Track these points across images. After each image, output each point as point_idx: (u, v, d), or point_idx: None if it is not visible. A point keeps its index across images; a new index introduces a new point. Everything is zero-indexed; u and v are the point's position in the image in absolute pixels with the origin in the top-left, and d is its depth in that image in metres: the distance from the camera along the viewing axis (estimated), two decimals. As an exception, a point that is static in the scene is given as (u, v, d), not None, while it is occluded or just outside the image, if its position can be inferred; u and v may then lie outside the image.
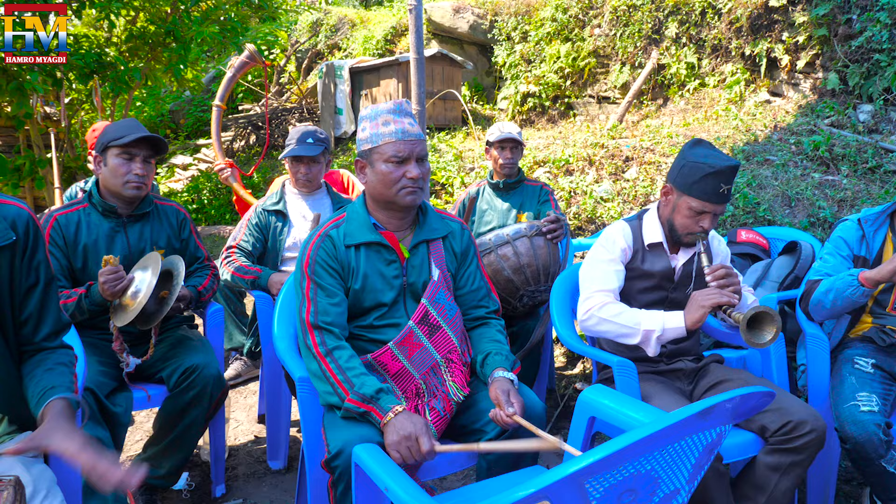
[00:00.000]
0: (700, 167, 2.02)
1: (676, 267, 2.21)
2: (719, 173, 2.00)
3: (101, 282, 2.14)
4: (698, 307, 1.98)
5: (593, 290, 2.16)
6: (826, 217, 3.99)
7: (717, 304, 1.96)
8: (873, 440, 1.94)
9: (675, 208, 2.13)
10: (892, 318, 2.29)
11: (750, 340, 1.89)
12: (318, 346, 1.79)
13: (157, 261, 2.20)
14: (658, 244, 2.21)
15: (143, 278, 2.19)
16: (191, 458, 2.69)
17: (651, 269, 2.19)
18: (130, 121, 2.36)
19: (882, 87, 5.08)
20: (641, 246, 2.22)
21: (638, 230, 2.24)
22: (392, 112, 1.86)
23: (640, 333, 2.04)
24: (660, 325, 2.02)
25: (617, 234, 2.22)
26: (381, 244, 1.90)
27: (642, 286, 2.21)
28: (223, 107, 4.59)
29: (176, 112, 10.47)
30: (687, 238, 2.13)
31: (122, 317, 2.16)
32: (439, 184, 5.93)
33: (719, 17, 6.31)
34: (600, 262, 2.21)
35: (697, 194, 2.04)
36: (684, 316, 2.02)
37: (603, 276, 2.18)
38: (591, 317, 2.13)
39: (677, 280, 2.21)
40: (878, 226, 2.34)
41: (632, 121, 6.69)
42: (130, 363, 2.26)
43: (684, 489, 1.16)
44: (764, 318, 1.91)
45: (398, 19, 9.46)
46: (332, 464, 1.66)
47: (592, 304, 2.13)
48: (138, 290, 2.17)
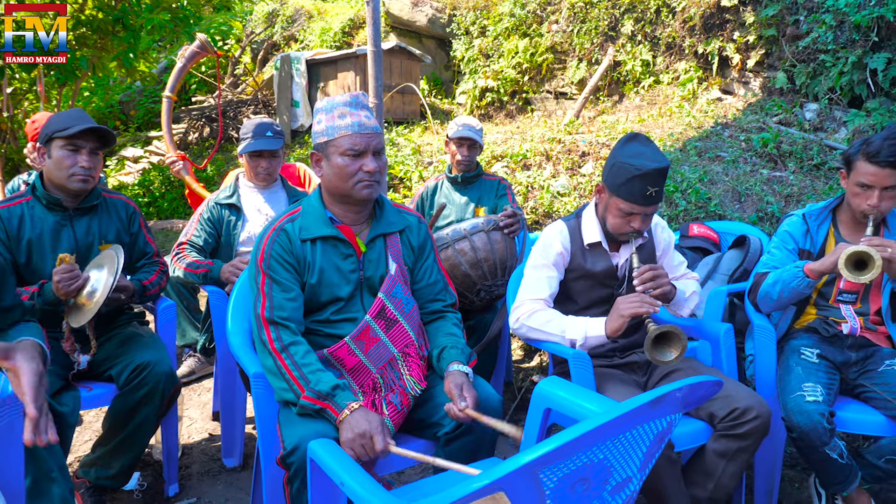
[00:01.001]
0: (627, 169, 1.99)
1: (619, 265, 2.23)
2: (646, 176, 1.97)
3: (56, 280, 2.08)
4: (618, 316, 2.02)
5: (523, 297, 2.20)
6: (774, 212, 4.11)
7: (636, 314, 1.98)
8: (818, 429, 2.01)
9: (607, 207, 2.14)
10: (835, 310, 2.38)
11: (652, 356, 1.90)
12: (273, 342, 1.77)
13: (112, 259, 2.14)
14: (597, 244, 2.22)
15: (99, 277, 2.13)
16: (142, 458, 2.63)
17: (593, 269, 2.20)
18: (76, 111, 2.29)
19: (827, 86, 5.25)
20: (581, 246, 2.21)
21: (576, 230, 2.24)
22: (348, 105, 1.85)
23: (566, 341, 2.10)
24: (582, 334, 2.08)
25: (553, 238, 2.22)
26: (338, 238, 1.89)
27: (586, 285, 2.22)
28: (174, 98, 4.49)
29: (126, 103, 10.17)
30: (620, 238, 2.16)
31: (79, 317, 2.11)
32: (397, 178, 5.91)
33: (673, 16, 6.43)
34: (533, 268, 2.22)
35: (625, 196, 2.03)
36: (605, 324, 2.06)
37: (534, 284, 2.20)
38: (521, 325, 2.18)
39: (622, 277, 2.23)
40: (821, 220, 2.42)
41: (588, 116, 6.78)
42: (82, 362, 2.20)
43: (636, 477, 1.18)
44: (671, 336, 1.92)
45: (356, 11, 9.38)
46: (287, 460, 1.64)
47: (521, 312, 2.18)
48: (94, 289, 2.11)
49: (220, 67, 9.96)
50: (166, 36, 5.88)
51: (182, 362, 3.54)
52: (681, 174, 4.64)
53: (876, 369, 2.24)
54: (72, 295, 2.11)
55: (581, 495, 1.09)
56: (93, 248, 2.35)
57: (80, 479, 2.29)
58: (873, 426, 2.14)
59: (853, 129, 4.82)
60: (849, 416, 2.16)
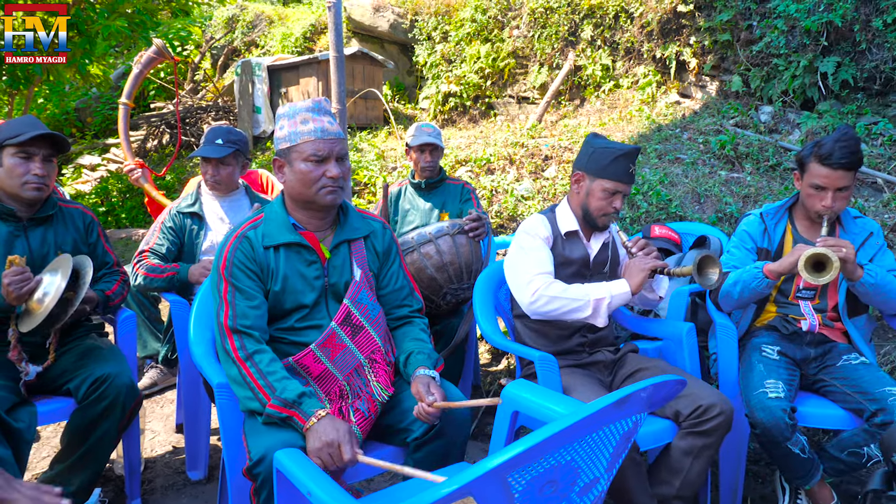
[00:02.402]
0: (611, 151, 2.20)
1: (591, 254, 2.32)
2: (628, 154, 2.19)
3: (6, 283, 2.00)
4: (639, 271, 2.12)
5: (533, 273, 2.20)
6: (732, 212, 4.20)
7: (654, 267, 2.12)
8: (780, 425, 2.05)
9: (588, 192, 2.26)
10: (795, 307, 2.43)
11: (704, 283, 2.04)
12: (237, 351, 1.74)
13: (67, 263, 2.08)
14: (574, 232, 2.32)
15: (52, 281, 2.06)
16: (103, 473, 2.57)
17: (571, 256, 2.29)
18: (27, 118, 2.23)
19: (780, 89, 5.39)
20: (559, 234, 2.31)
21: (553, 221, 2.34)
22: (311, 110, 1.83)
23: (590, 304, 2.11)
24: (608, 293, 2.12)
25: (537, 224, 2.31)
26: (301, 245, 1.87)
27: (566, 273, 2.29)
28: (130, 105, 4.41)
29: (82, 110, 9.92)
30: (602, 220, 2.26)
31: (27, 322, 2.03)
32: (361, 183, 5.89)
33: (632, 21, 6.54)
34: (530, 249, 2.26)
35: (610, 175, 2.20)
36: (627, 282, 2.14)
37: (537, 260, 2.23)
38: (539, 297, 2.15)
39: (593, 266, 2.32)
40: (778, 219, 2.48)
41: (550, 120, 6.84)
42: (30, 371, 2.13)
43: (603, 478, 1.19)
44: (707, 261, 2.06)
45: (317, 17, 9.32)
46: (253, 471, 1.62)
47: (537, 285, 2.16)
48: (46, 293, 2.04)
49: (180, 73, 9.80)
50: (123, 42, 5.78)
51: (143, 374, 3.47)
52: (642, 176, 4.71)
53: (834, 364, 2.30)
54: (23, 299, 2.04)
55: (549, 497, 1.09)
56: (48, 258, 2.28)
57: (37, 497, 2.21)
58: (833, 420, 2.20)
59: (806, 130, 4.96)
60: (809, 410, 2.21)
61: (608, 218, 2.26)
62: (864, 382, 2.16)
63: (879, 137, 4.74)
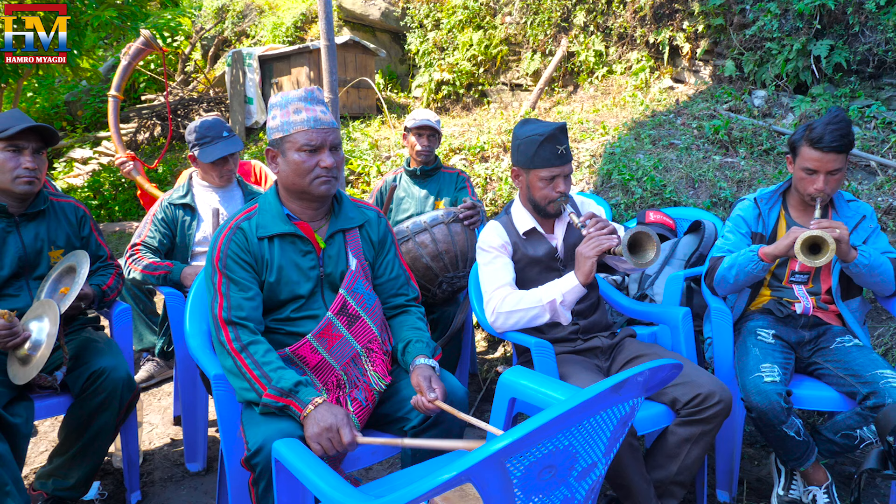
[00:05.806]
0: (532, 140, 2.16)
1: (558, 246, 2.31)
2: (551, 137, 2.14)
3: None
4: (584, 259, 2.04)
5: (490, 290, 2.22)
6: (727, 197, 4.20)
7: (601, 250, 2.00)
8: (776, 408, 2.06)
9: (529, 186, 2.24)
10: (789, 291, 2.44)
11: (637, 263, 1.95)
12: (232, 342, 1.74)
13: (53, 308, 2.06)
14: (532, 230, 2.29)
15: (42, 328, 2.04)
16: (102, 466, 2.57)
17: (536, 255, 2.27)
18: (14, 111, 2.21)
19: (773, 73, 5.38)
20: (518, 237, 2.29)
21: (510, 224, 2.32)
22: (303, 100, 1.82)
23: (546, 308, 2.11)
24: (558, 292, 2.10)
25: (491, 235, 2.29)
26: (296, 235, 1.86)
27: (534, 271, 2.28)
28: (120, 97, 4.37)
29: (73, 103, 9.83)
30: (552, 207, 2.23)
31: (22, 374, 2.00)
32: (355, 173, 5.87)
33: (624, 6, 6.50)
34: (484, 264, 2.27)
35: (542, 164, 2.16)
36: (575, 274, 2.09)
37: (493, 275, 2.23)
38: (497, 315, 2.19)
39: (563, 256, 2.30)
40: (772, 203, 2.49)
41: (544, 107, 6.82)
42: (58, 378, 2.13)
43: (601, 462, 1.20)
44: (642, 238, 1.98)
45: (308, 6, 9.24)
46: (252, 461, 1.62)
47: (494, 303, 2.19)
48: (38, 341, 2.02)
49: (169, 64, 9.72)
50: (112, 33, 5.72)
51: (140, 367, 3.46)
52: (636, 162, 4.71)
53: (828, 347, 2.32)
54: (12, 348, 2.04)
55: (548, 482, 1.10)
56: (42, 254, 2.27)
57: (36, 491, 2.22)
58: (828, 402, 2.21)
59: (800, 114, 4.96)
60: (804, 393, 2.23)
61: (557, 204, 2.22)
62: (856, 365, 2.17)
63: (873, 120, 4.74)
